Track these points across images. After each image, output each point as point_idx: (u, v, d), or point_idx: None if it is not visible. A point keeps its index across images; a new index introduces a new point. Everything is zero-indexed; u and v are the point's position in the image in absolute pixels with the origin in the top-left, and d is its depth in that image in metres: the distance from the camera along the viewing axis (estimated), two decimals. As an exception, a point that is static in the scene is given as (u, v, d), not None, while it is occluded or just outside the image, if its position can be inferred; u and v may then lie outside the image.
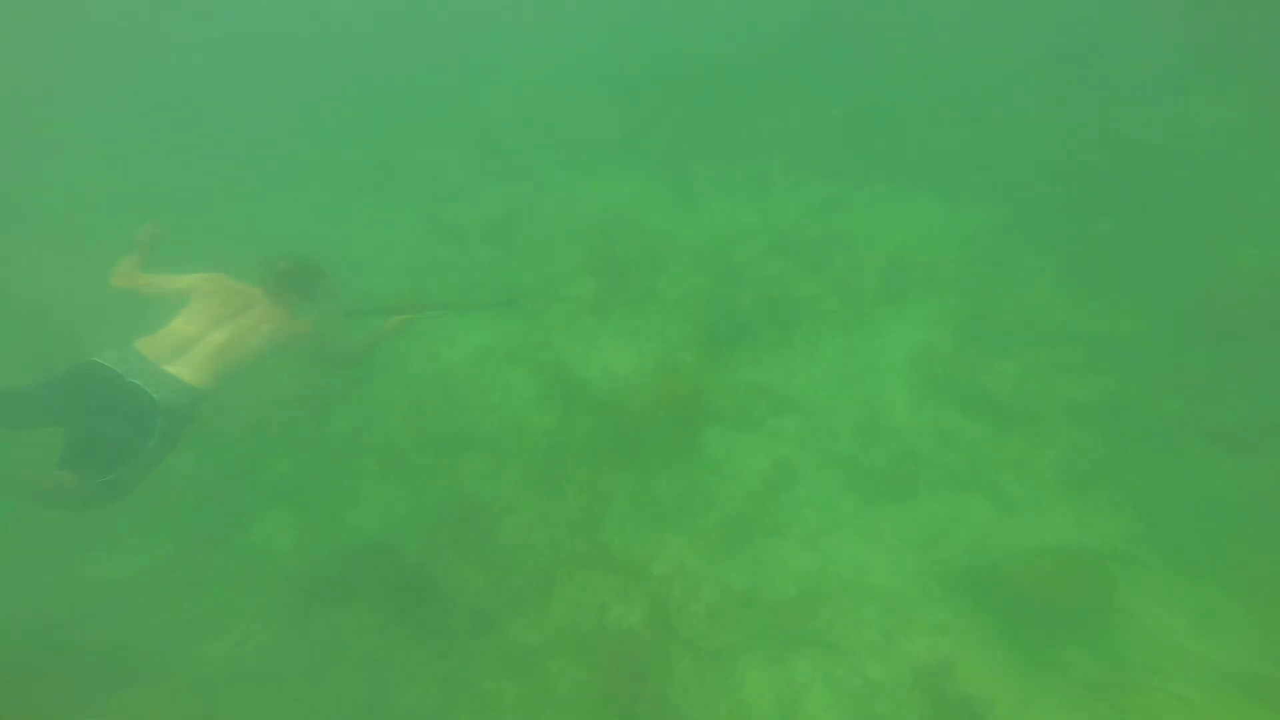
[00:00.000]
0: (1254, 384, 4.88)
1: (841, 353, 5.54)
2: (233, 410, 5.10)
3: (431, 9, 13.18)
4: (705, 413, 5.10)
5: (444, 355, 5.74)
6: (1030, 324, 5.60)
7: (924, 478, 4.72)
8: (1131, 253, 5.98)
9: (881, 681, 3.77)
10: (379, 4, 13.52)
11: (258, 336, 3.83)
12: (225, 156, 8.93)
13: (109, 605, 4.12)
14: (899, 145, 7.69)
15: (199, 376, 3.56)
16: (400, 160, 8.74)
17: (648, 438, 4.91)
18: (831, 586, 4.20)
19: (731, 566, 4.32)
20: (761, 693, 3.77)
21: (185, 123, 9.80)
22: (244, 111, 10.16)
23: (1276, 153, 6.72)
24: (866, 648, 3.91)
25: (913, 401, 5.17)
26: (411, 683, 3.78)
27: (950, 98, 8.27)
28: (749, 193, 7.18)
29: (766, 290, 5.97)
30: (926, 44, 9.23)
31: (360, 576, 4.20)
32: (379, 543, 4.43)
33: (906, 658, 3.85)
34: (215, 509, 4.65)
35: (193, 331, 3.69)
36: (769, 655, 3.93)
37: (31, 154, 8.73)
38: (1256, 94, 7.44)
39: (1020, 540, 4.33)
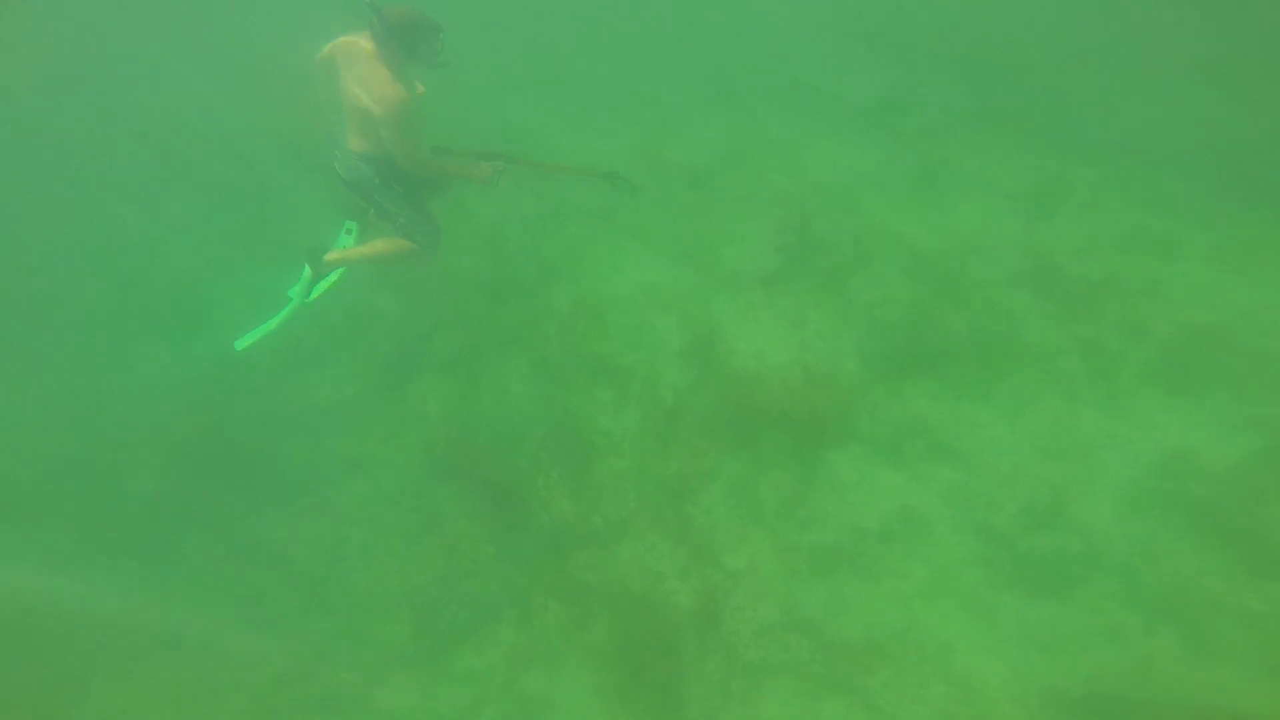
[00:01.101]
0: None
1: (1055, 424, 4.78)
2: (431, 279, 6.25)
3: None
4: (849, 431, 4.92)
5: (611, 280, 6.20)
6: None
7: (1090, 585, 4.11)
8: None
9: None
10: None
11: (364, 91, 4.07)
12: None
13: (309, 425, 5.59)
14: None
15: (359, 144, 4.37)
16: (623, 77, 8.75)
17: (774, 432, 4.96)
18: (906, 650, 4.05)
19: (805, 590, 4.30)
20: (776, 717, 3.76)
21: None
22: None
23: None
24: None
25: (1126, 509, 4.36)
26: (476, 574, 4.68)
27: None
28: (1023, 200, 6.16)
29: (990, 323, 5.28)
30: None
31: (475, 462, 5.14)
32: (500, 437, 5.30)
33: None
34: (397, 361, 5.88)
35: (340, 101, 4.32)
36: (803, 689, 3.96)
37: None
38: None
39: (1189, 689, 3.65)
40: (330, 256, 4.92)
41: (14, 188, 7.45)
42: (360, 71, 4.04)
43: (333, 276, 5.13)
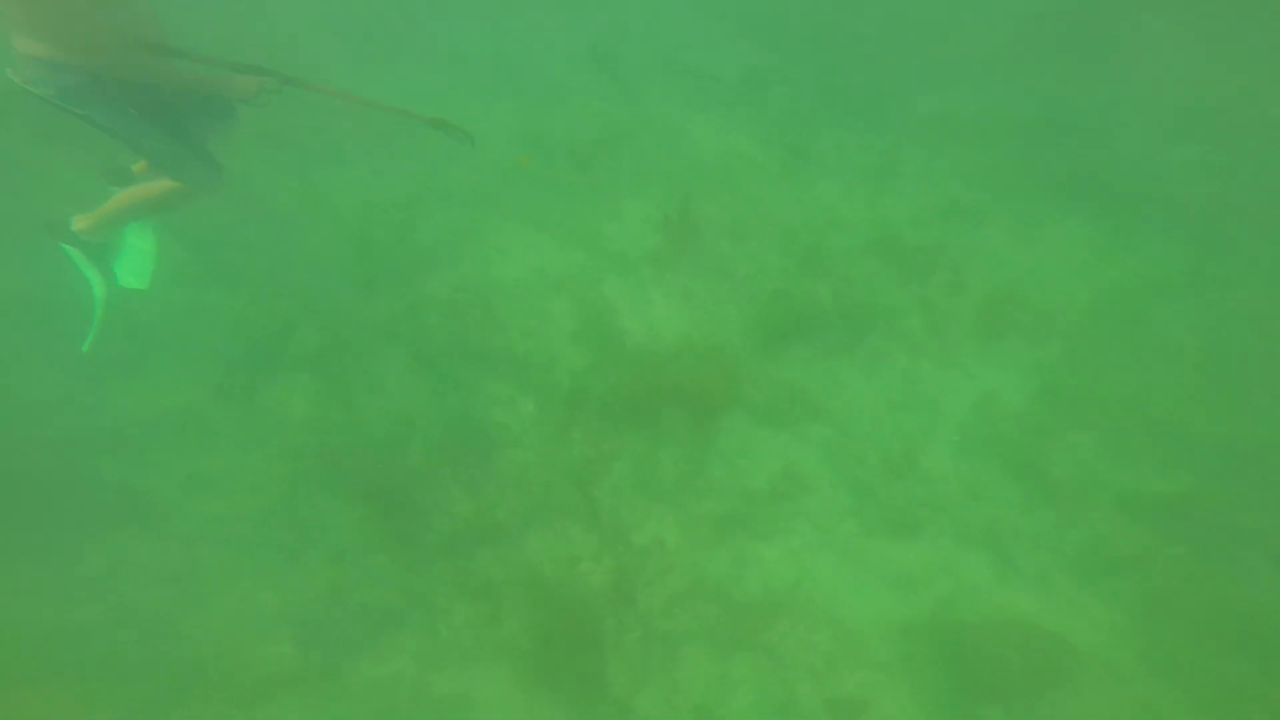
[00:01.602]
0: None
1: (904, 378, 5.37)
2: (282, 269, 5.53)
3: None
4: (736, 399, 5.14)
5: (495, 264, 5.89)
6: (1132, 405, 5.33)
7: (934, 524, 4.77)
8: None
9: (801, 703, 4.03)
10: None
11: None
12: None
13: (129, 441, 4.74)
14: (1080, 159, 6.91)
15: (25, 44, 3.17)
16: (506, 48, 8.25)
17: (670, 407, 5.04)
18: (798, 602, 4.42)
19: (709, 557, 4.51)
20: (693, 681, 4.07)
21: None
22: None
23: None
24: (805, 668, 4.15)
25: (958, 449, 5.07)
26: (373, 584, 4.30)
27: (1185, 109, 7.19)
28: (870, 176, 6.74)
29: (849, 290, 5.76)
30: (1175, 46, 7.82)
31: (356, 467, 4.68)
32: (383, 437, 4.86)
33: (833, 687, 4.09)
34: (245, 363, 5.13)
35: None
36: (714, 649, 4.20)
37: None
38: None
39: (1001, 610, 4.41)
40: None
41: None
42: None
43: (145, 246, 4.26)
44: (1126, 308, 5.88)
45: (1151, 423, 5.17)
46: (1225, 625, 4.33)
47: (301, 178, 5.27)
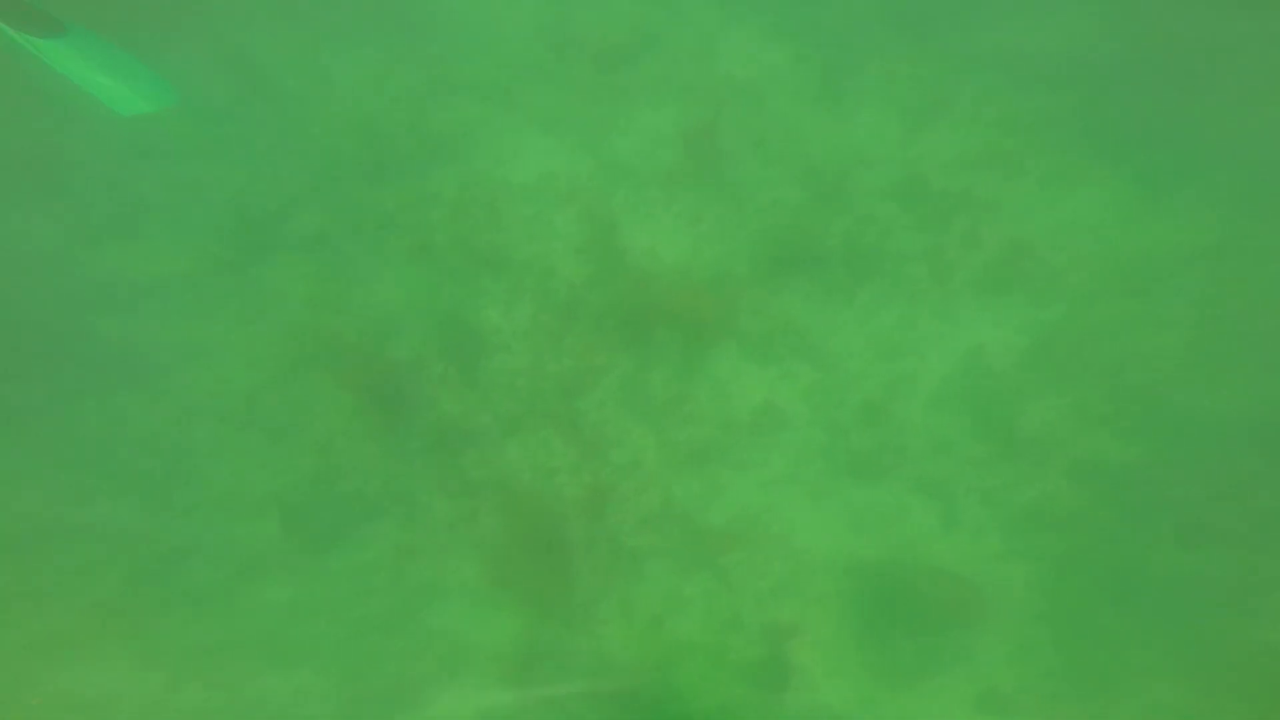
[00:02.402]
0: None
1: (899, 325, 5.30)
2: (285, 150, 5.19)
3: None
4: (730, 329, 5.09)
5: (506, 164, 5.54)
6: (1113, 373, 5.31)
7: (896, 472, 4.91)
8: None
9: (744, 623, 4.37)
10: None
11: None
12: None
13: (125, 303, 4.65)
14: (1143, 111, 6.13)
15: None
16: None
17: (664, 329, 4.98)
18: (758, 531, 4.64)
19: (682, 481, 4.65)
20: (650, 595, 4.34)
21: None
22: None
23: None
24: (753, 593, 4.46)
25: (935, 401, 5.11)
26: (356, 472, 4.42)
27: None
28: (911, 113, 6.10)
29: (862, 231, 5.53)
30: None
31: (348, 353, 4.66)
32: (377, 328, 4.79)
33: (773, 612, 4.42)
34: (243, 238, 4.94)
35: None
36: (672, 567, 4.43)
37: None
38: None
39: (934, 557, 4.68)
40: None
41: None
42: None
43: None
44: (1138, 275, 5.69)
45: (1125, 391, 5.17)
46: (1124, 589, 4.63)
47: (311, 57, 4.86)
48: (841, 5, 6.87)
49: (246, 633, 3.96)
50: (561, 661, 4.19)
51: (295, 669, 3.98)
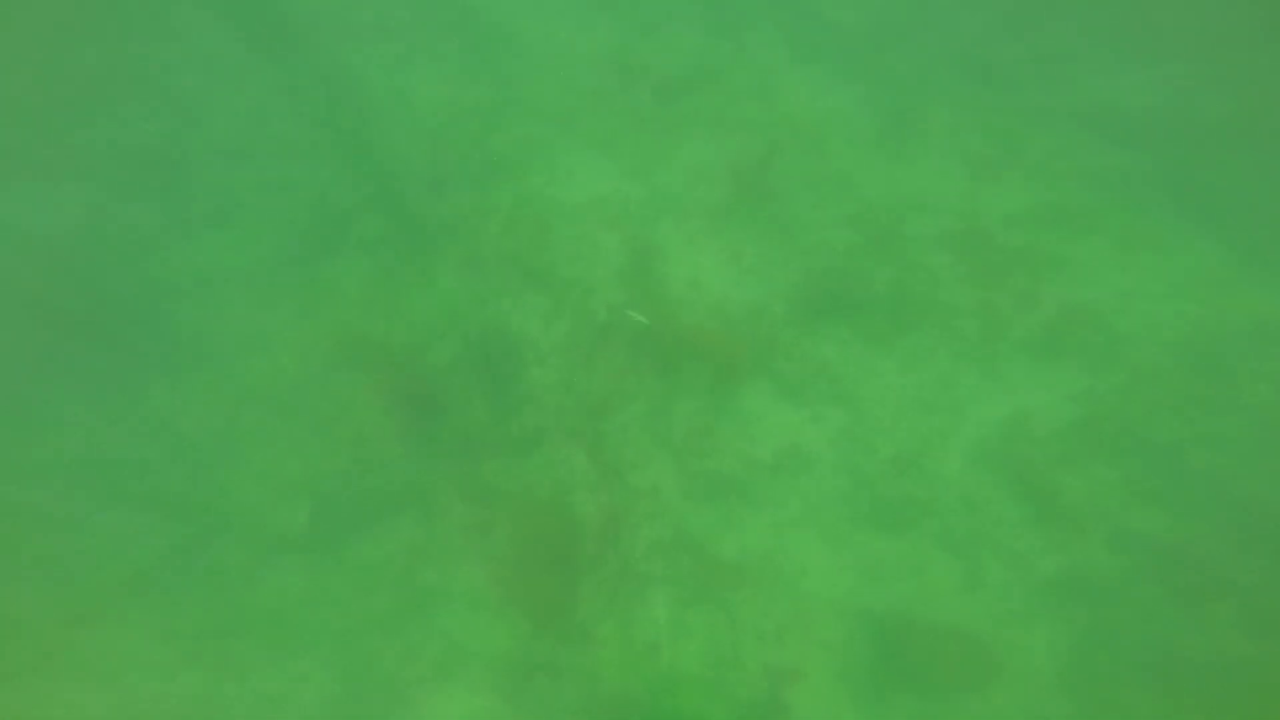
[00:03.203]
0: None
1: (939, 380, 5.12)
2: (362, 156, 5.51)
3: None
4: (764, 366, 5.04)
5: (560, 185, 5.70)
6: (1173, 452, 4.95)
7: (920, 526, 4.74)
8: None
9: (744, 661, 4.27)
10: None
11: None
12: None
13: (204, 290, 5.01)
14: (1240, 173, 5.84)
15: None
16: None
17: (696, 361, 4.99)
18: (767, 571, 4.55)
19: (698, 512, 4.63)
20: (652, 621, 4.30)
21: None
22: None
23: None
24: (756, 631, 4.36)
25: (970, 459, 4.91)
26: (383, 468, 4.60)
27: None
28: (977, 163, 5.99)
29: (910, 279, 5.38)
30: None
31: (391, 353, 4.87)
32: (421, 332, 4.99)
33: (775, 654, 4.30)
34: (313, 233, 5.27)
35: None
36: (678, 596, 4.41)
37: None
38: None
39: (951, 616, 4.48)
40: None
41: None
42: None
43: None
44: (1217, 350, 5.28)
45: (1185, 471, 4.82)
46: (1165, 667, 4.31)
47: (398, 72, 5.15)
48: (916, 52, 6.81)
49: (257, 618, 4.17)
50: (555, 677, 4.24)
51: (297, 658, 4.15)
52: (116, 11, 5.67)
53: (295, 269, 5.05)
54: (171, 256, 5.02)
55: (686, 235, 5.49)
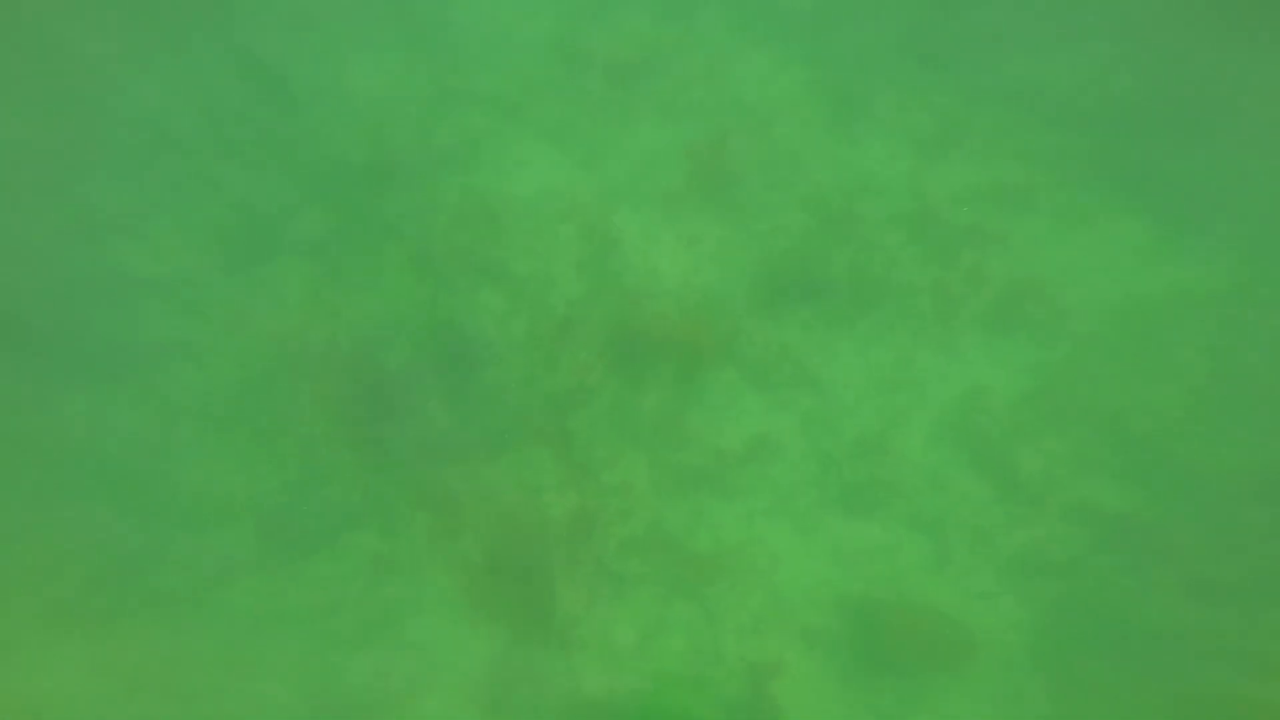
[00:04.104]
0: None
1: (899, 359, 5.16)
2: (293, 153, 5.14)
3: None
4: (728, 354, 4.96)
5: (510, 177, 5.48)
6: (1116, 419, 5.15)
7: (889, 507, 4.76)
8: None
9: (725, 657, 4.18)
10: None
11: None
12: None
13: (122, 299, 4.60)
14: (1166, 152, 6.11)
15: None
16: None
17: (659, 350, 4.88)
18: (742, 562, 4.48)
19: (671, 506, 4.52)
20: (631, 621, 4.19)
21: None
22: None
23: None
24: (735, 625, 4.28)
25: (932, 437, 4.96)
26: (338, 480, 4.31)
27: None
28: (923, 144, 6.07)
29: (867, 260, 5.41)
30: None
31: (339, 358, 4.56)
32: (370, 335, 4.71)
33: (756, 648, 4.23)
34: (243, 237, 4.89)
35: None
36: (656, 594, 4.30)
37: None
38: None
39: (924, 595, 4.51)
40: None
41: None
42: None
43: None
44: (1149, 319, 5.54)
45: (1128, 438, 5.02)
46: (1122, 637, 4.47)
47: (327, 62, 4.86)
48: (859, 35, 6.81)
49: (209, 641, 3.82)
50: (537, 686, 4.05)
51: (255, 681, 3.83)
52: None
53: (224, 275, 4.67)
54: (78, 264, 4.57)
55: (643, 223, 5.36)
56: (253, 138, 5.11)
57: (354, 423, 4.37)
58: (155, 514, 3.99)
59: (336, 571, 4.03)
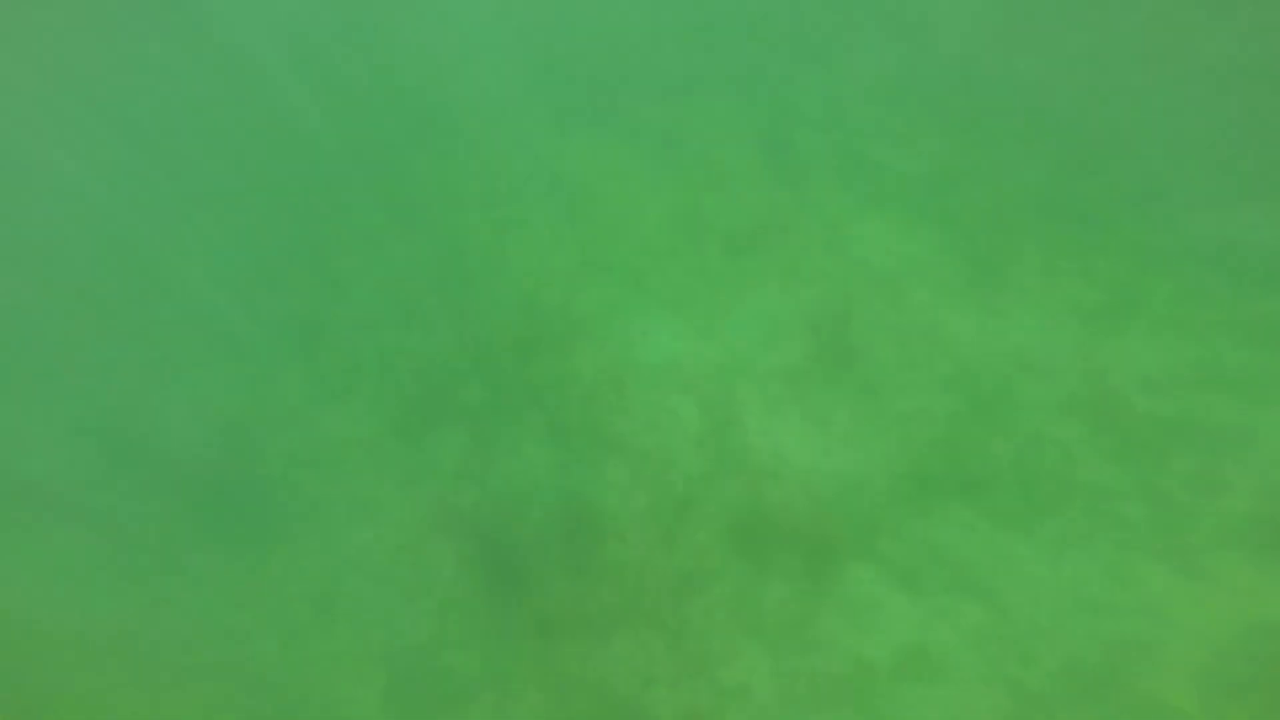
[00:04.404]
0: None
1: (1108, 574, 4.14)
2: (463, 322, 6.13)
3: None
4: (866, 550, 4.42)
5: (637, 346, 5.84)
6: None
7: None
8: None
9: None
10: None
11: None
12: None
13: (323, 461, 5.51)
14: None
15: None
16: (670, 124, 7.48)
17: (786, 538, 4.51)
18: None
19: (799, 723, 3.69)
20: None
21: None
22: None
23: None
24: None
25: (1207, 686, 3.65)
26: (464, 645, 4.40)
27: None
28: (1087, 312, 5.36)
29: (1036, 453, 4.70)
30: None
31: (478, 525, 4.91)
32: (509, 500, 5.03)
33: None
34: (420, 404, 5.66)
35: None
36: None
37: None
38: None
39: None
40: None
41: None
42: None
43: None
44: None
45: None
46: None
47: (496, 236, 5.95)
48: (989, 192, 6.46)
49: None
50: None
51: None
52: (288, 197, 7.24)
53: (402, 439, 5.45)
54: (310, 427, 5.60)
55: (766, 400, 5.30)
56: (439, 308, 6.19)
57: (486, 588, 4.54)
58: (307, 662, 4.38)
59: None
